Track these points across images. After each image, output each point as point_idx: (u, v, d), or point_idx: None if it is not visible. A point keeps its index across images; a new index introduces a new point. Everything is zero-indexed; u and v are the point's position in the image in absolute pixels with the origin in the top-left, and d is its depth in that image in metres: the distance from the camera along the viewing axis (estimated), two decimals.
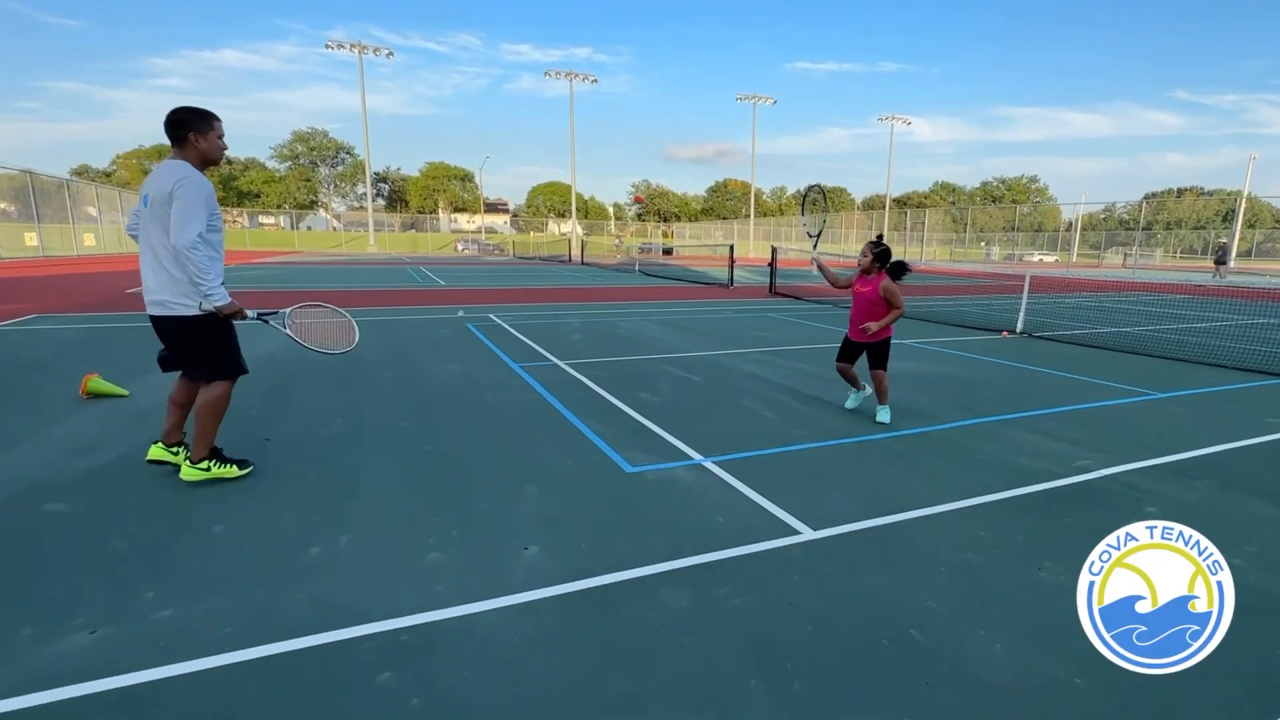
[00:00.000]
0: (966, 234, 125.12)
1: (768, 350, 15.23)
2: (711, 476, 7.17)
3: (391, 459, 7.63)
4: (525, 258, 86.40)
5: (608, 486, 6.87)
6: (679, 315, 21.99)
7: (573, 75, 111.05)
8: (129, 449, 7.78)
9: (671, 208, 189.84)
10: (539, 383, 11.46)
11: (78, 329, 16.46)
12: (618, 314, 22.22)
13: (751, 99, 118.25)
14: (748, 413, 9.87)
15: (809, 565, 5.29)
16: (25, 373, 11.72)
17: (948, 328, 20.13)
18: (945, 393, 11.49)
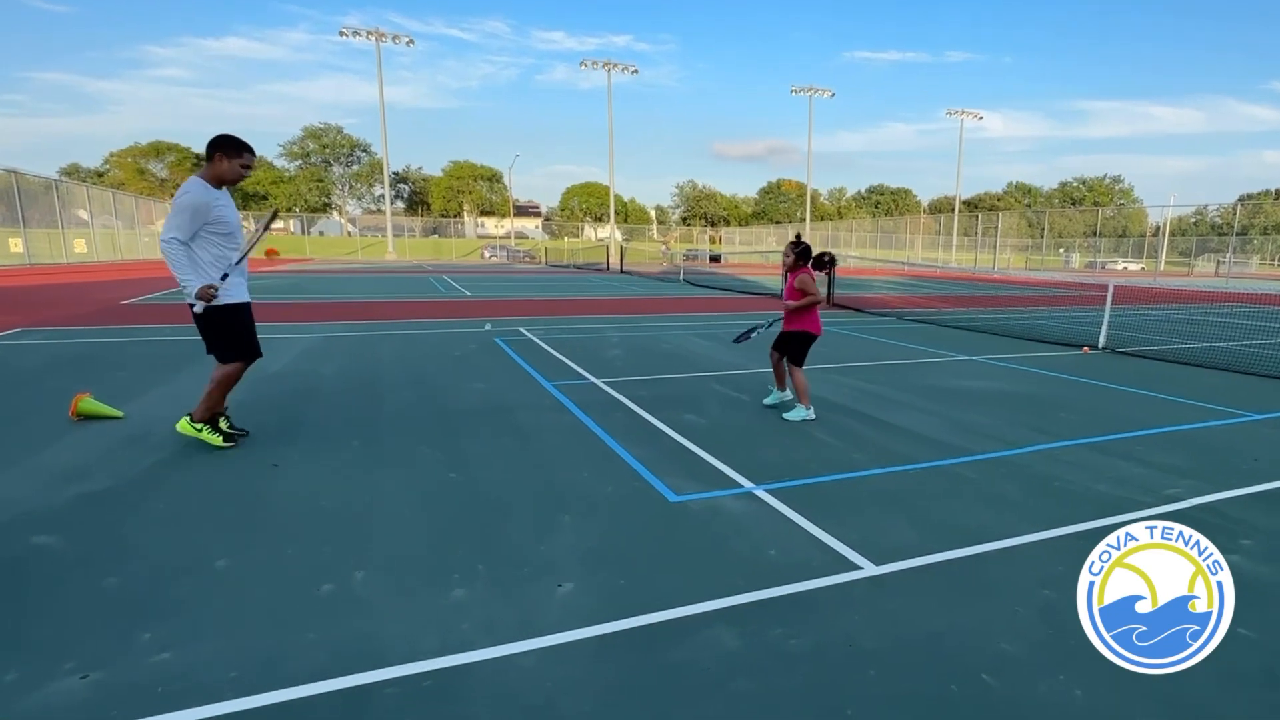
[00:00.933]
0: (1043, 239, 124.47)
1: (825, 367, 15.17)
2: (763, 506, 7.13)
3: (411, 487, 7.61)
4: (558, 265, 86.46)
5: (650, 517, 6.83)
6: (727, 329, 21.85)
7: (611, 65, 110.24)
8: (124, 475, 7.77)
9: (719, 211, 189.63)
10: (574, 403, 11.45)
11: (68, 344, 16.52)
12: (660, 327, 22.22)
13: (807, 91, 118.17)
14: (803, 436, 9.83)
15: (871, 603, 5.25)
16: (10, 392, 11.78)
17: (1023, 342, 20.03)
18: (1020, 414, 11.41)
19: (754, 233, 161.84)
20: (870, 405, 11.73)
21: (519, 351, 16.57)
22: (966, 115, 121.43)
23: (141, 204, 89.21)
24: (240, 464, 8.18)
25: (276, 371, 13.36)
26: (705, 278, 52.54)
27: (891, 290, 42.80)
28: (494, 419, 10.45)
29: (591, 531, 6.44)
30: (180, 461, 8.27)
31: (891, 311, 28.32)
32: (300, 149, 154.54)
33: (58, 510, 6.76)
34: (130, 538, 6.18)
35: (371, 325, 21.16)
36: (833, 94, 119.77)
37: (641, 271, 63.20)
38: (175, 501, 7.01)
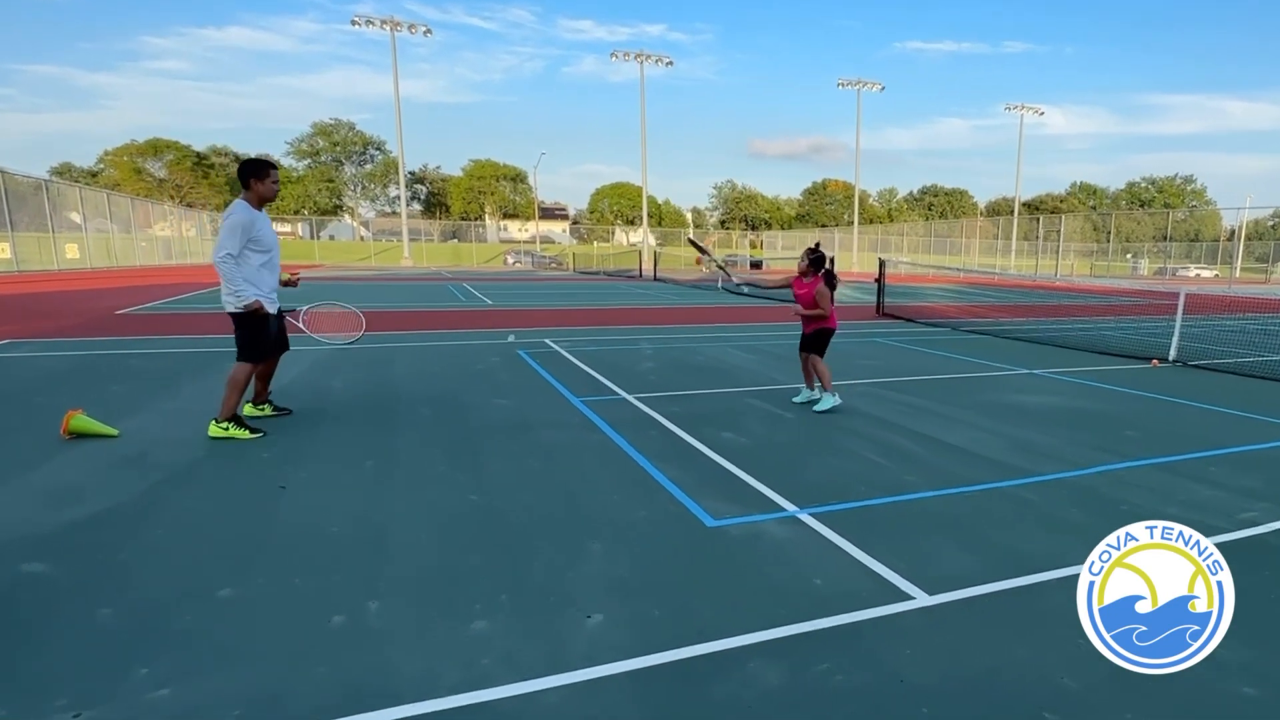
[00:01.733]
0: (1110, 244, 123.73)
1: (874, 381, 15.22)
2: (808, 531, 7.11)
3: (429, 510, 7.60)
4: (587, 272, 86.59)
5: (686, 543, 6.81)
6: (769, 340, 22.01)
7: (643, 57, 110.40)
8: (119, 498, 7.78)
9: (760, 213, 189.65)
10: (604, 420, 11.45)
11: (59, 357, 16.62)
12: (697, 339, 22.23)
13: (855, 85, 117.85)
14: (850, 455, 9.82)
15: (923, 636, 5.23)
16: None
17: (1087, 355, 20.00)
18: (1084, 432, 11.37)
19: (798, 237, 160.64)
20: (923, 422, 11.72)
21: (545, 365, 16.60)
22: (1026, 110, 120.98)
23: (138, 206, 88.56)
24: (245, 486, 8.21)
25: (282, 387, 13.31)
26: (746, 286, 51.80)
27: (945, 299, 42.68)
28: (518, 437, 10.46)
29: (623, 559, 6.43)
30: (180, 483, 8.28)
31: (945, 322, 28.36)
32: (309, 147, 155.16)
33: (49, 536, 6.75)
34: (126, 565, 6.17)
35: (385, 337, 21.20)
36: (882, 87, 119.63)
37: (677, 278, 63.17)
38: (175, 526, 7.02)
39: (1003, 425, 11.64)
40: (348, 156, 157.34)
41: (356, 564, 6.23)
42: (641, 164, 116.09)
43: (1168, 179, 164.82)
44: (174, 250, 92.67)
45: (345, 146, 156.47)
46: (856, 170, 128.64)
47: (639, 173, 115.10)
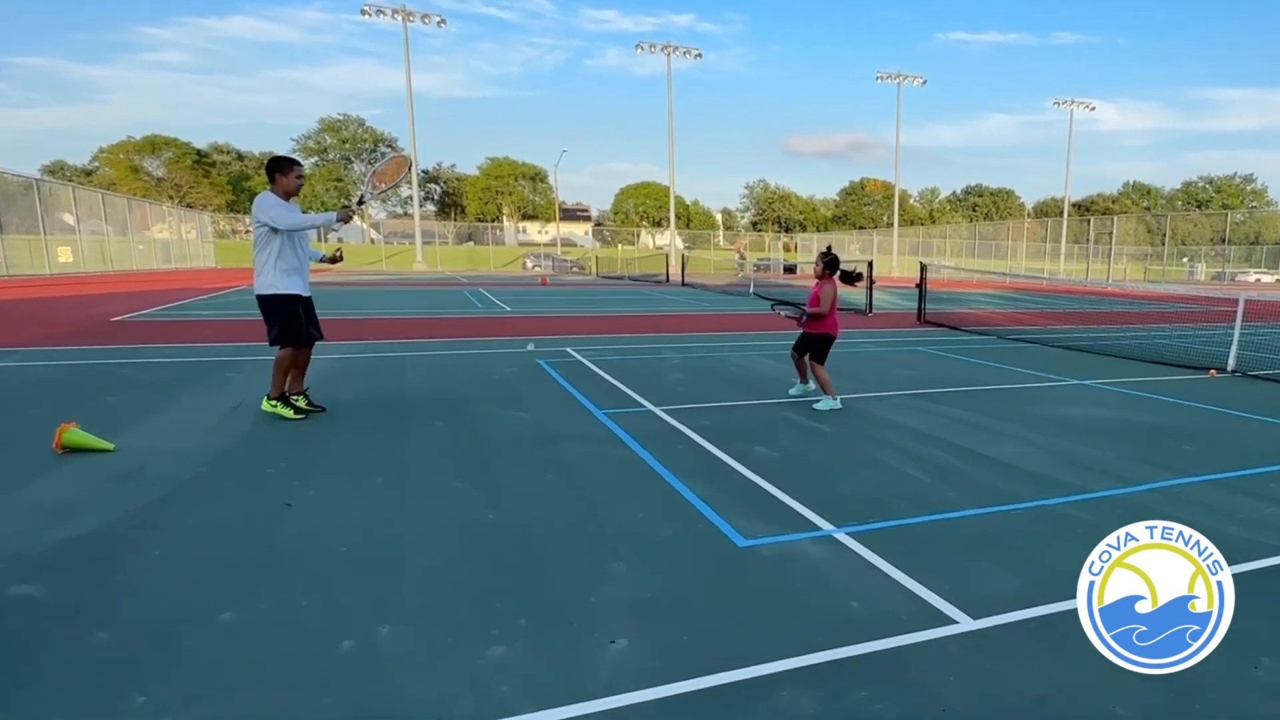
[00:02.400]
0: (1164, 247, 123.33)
1: (915, 393, 15.20)
2: (845, 551, 7.10)
3: (443, 529, 7.59)
4: (611, 277, 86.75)
5: (715, 563, 6.81)
6: None
7: (671, 48, 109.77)
8: (115, 516, 7.75)
9: (794, 214, 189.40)
10: (628, 434, 11.44)
11: (51, 367, 16.65)
12: (728, 348, 22.21)
13: (895, 78, 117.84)
14: (889, 471, 9.80)
15: (967, 662, 5.23)
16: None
17: (1140, 365, 19.94)
18: (1137, 446, 11.35)
19: (834, 239, 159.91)
20: (966, 436, 11.71)
21: (566, 375, 16.60)
22: (1077, 105, 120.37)
23: (135, 207, 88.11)
24: (249, 502, 8.20)
25: (268, 411, 13.24)
26: (779, 291, 52.27)
27: (990, 305, 42.61)
28: (537, 452, 10.45)
29: (648, 580, 6.42)
30: (179, 500, 8.27)
31: (990, 330, 28.32)
32: (316, 144, 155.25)
33: (40, 555, 6.73)
34: (123, 587, 6.16)
35: (397, 345, 21.31)
36: (924, 81, 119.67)
37: (706, 284, 63.19)
38: (174, 545, 7.01)
39: (1050, 439, 11.62)
40: (357, 154, 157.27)
41: (367, 585, 6.23)
42: (669, 162, 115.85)
43: (1226, 178, 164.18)
44: (173, 253, 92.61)
45: (354, 144, 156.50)
46: (896, 169, 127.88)
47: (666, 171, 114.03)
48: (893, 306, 39.94)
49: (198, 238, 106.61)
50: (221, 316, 29.11)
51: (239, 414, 12.23)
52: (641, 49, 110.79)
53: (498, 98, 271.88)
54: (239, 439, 10.65)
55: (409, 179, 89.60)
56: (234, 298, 39.28)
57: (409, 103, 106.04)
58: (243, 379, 15.36)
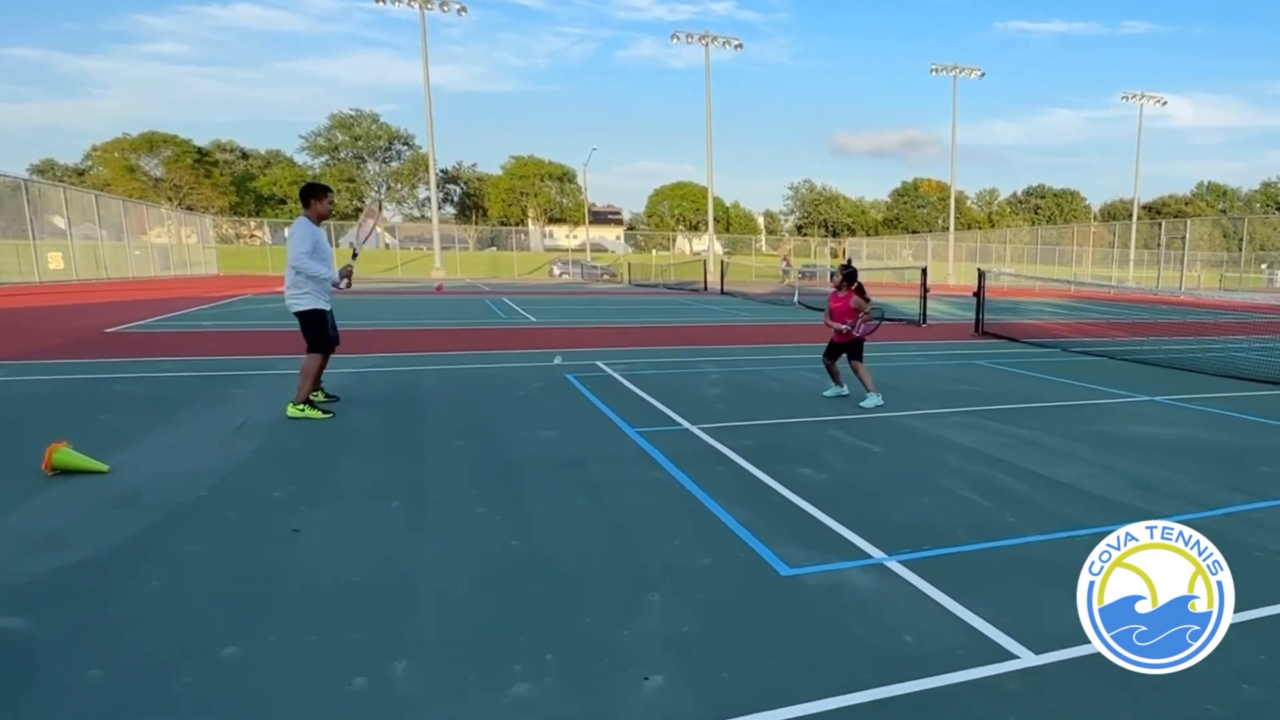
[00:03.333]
0: (1242, 252, 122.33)
1: (973, 410, 15.15)
2: (896, 581, 7.11)
3: (464, 557, 7.60)
4: (644, 285, 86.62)
5: (757, 594, 6.81)
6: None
7: (709, 39, 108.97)
8: (109, 543, 7.72)
9: (842, 217, 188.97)
10: (663, 454, 11.43)
11: (40, 382, 16.63)
12: (770, 362, 22.15)
13: (950, 71, 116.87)
14: (946, 494, 9.80)
15: (1028, 701, 5.22)
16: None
17: (1216, 380, 19.87)
18: (1212, 468, 11.30)
19: (885, 244, 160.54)
20: (1027, 457, 11.67)
21: (596, 391, 16.60)
22: (1147, 100, 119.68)
23: (131, 209, 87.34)
24: (253, 529, 8.20)
25: (296, 416, 13.40)
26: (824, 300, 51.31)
27: (1053, 315, 42.49)
28: (565, 474, 10.45)
29: (685, 612, 6.42)
30: (178, 526, 8.26)
31: (1054, 342, 28.18)
32: (327, 142, 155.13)
33: (28, 586, 6.71)
34: (118, 620, 6.14)
35: (413, 358, 21.34)
36: (982, 74, 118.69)
37: (747, 292, 62.97)
38: (172, 575, 6.99)
39: (1119, 460, 11.59)
40: (370, 153, 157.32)
41: (381, 618, 6.23)
42: (707, 161, 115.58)
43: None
44: (172, 260, 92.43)
45: (368, 141, 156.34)
46: (953, 168, 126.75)
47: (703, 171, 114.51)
48: (948, 317, 39.98)
49: (199, 242, 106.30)
50: (225, 327, 29.17)
51: (244, 433, 12.22)
52: (678, 39, 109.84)
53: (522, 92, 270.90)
54: (243, 460, 10.68)
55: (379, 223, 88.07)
56: (238, 307, 39.40)
57: (426, 97, 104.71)
58: (248, 395, 15.34)
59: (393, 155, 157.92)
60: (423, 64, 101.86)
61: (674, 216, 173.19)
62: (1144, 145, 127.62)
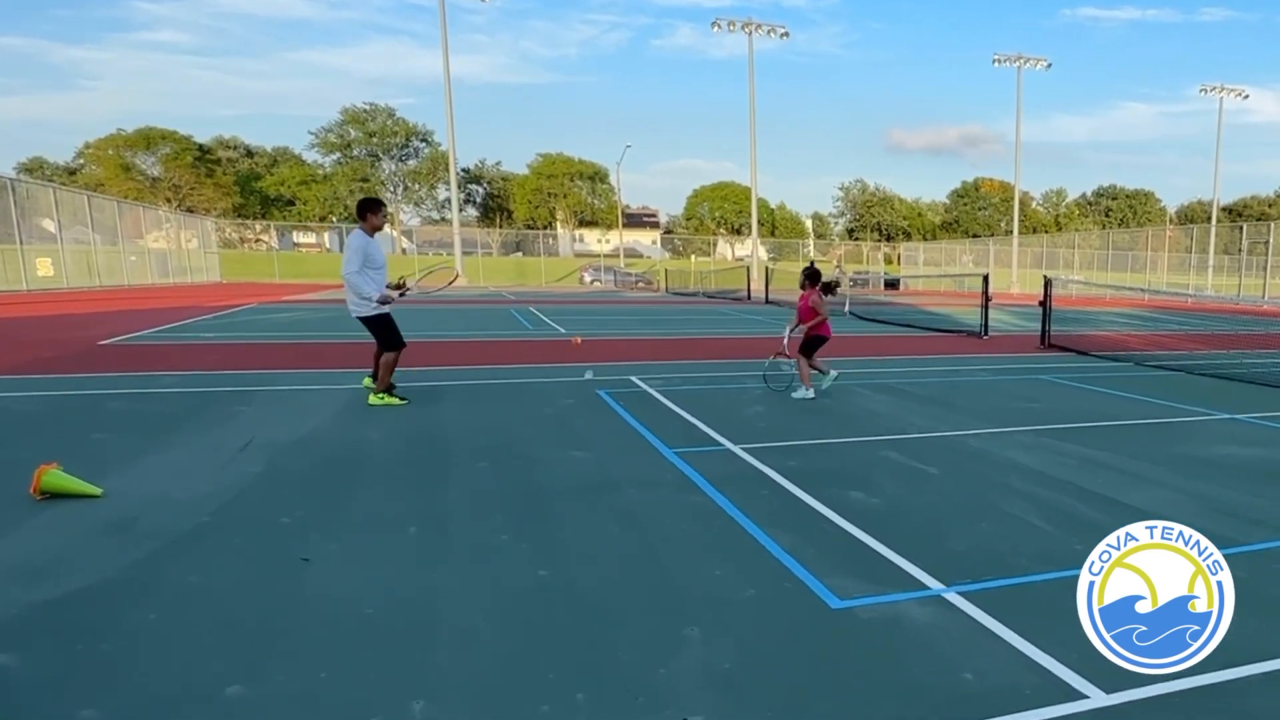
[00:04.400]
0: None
1: (1038, 429, 15.10)
2: (956, 614, 7.10)
3: (487, 588, 7.58)
4: (683, 293, 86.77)
5: (805, 628, 6.80)
6: (908, 378, 22.00)
7: (753, 26, 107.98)
8: (104, 574, 7.67)
9: (897, 220, 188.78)
10: (703, 477, 11.40)
11: (28, 398, 16.64)
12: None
13: (1014, 62, 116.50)
14: (1008, 520, 9.79)
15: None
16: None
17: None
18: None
19: (943, 249, 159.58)
20: (1097, 480, 11.64)
21: (630, 408, 16.59)
22: (1227, 93, 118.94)
23: (126, 211, 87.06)
24: (260, 558, 8.18)
25: (305, 435, 13.45)
26: (878, 310, 52.50)
27: (1126, 326, 42.38)
28: (597, 498, 10.44)
29: (727, 648, 6.40)
30: (178, 555, 8.23)
31: (1126, 355, 28.18)
32: (338, 138, 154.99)
33: (14, 620, 6.65)
34: (113, 656, 6.11)
35: (433, 373, 21.35)
36: (1048, 65, 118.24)
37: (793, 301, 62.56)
38: (172, 608, 6.96)
39: (1197, 483, 11.56)
40: (386, 150, 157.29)
41: (398, 654, 6.21)
42: (750, 159, 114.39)
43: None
44: (171, 266, 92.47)
45: (383, 138, 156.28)
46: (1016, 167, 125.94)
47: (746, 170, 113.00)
48: (1012, 328, 39.84)
49: (200, 247, 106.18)
50: (228, 339, 29.17)
51: (249, 454, 12.19)
52: (719, 27, 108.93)
53: (550, 84, 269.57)
54: (248, 484, 10.66)
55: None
56: (243, 317, 39.49)
57: (446, 90, 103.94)
58: (253, 413, 15.26)
59: (410, 153, 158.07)
60: (443, 54, 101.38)
61: (714, 219, 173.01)
62: (1224, 142, 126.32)
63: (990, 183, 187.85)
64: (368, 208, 16.86)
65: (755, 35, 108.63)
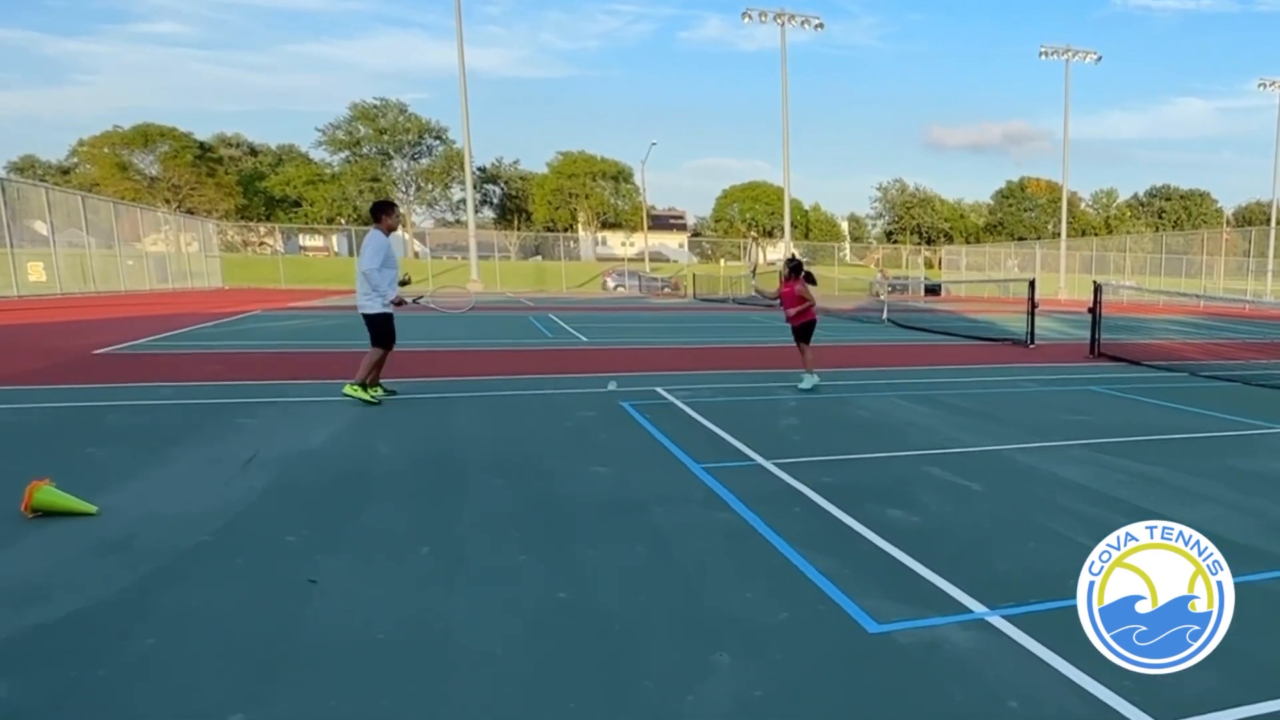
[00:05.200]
0: None
1: (1087, 443, 15.07)
2: (1000, 639, 7.09)
3: (505, 611, 7.55)
4: (711, 300, 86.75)
5: (841, 654, 6.78)
6: (950, 390, 21.94)
7: (785, 17, 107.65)
8: (98, 596, 7.63)
9: (938, 222, 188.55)
10: (733, 494, 11.38)
11: (19, 410, 16.54)
12: (855, 386, 22.21)
13: (1062, 54, 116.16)
14: (1056, 539, 9.76)
15: None
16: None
17: None
18: None
19: (987, 253, 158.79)
20: (1149, 496, 11.62)
21: (655, 421, 16.56)
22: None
23: (123, 213, 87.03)
24: (263, 579, 8.16)
25: (312, 449, 13.46)
26: (918, 317, 52.45)
27: (1180, 335, 42.34)
28: (620, 516, 10.43)
29: (759, 674, 6.38)
30: (177, 577, 8.20)
31: (1181, 365, 28.21)
32: (347, 135, 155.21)
33: (7, 645, 6.60)
34: (109, 683, 6.08)
35: (446, 384, 21.41)
36: (1098, 58, 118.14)
37: (829, 308, 62.70)
38: (171, 633, 6.92)
39: (1256, 500, 11.54)
40: (397, 148, 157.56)
41: (410, 682, 6.21)
42: (783, 158, 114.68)
43: None
44: (170, 270, 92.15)
45: (394, 135, 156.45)
46: (1064, 166, 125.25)
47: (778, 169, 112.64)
48: (1060, 336, 39.88)
49: (200, 251, 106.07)
50: (231, 349, 29.10)
51: (252, 469, 12.19)
52: (749, 18, 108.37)
53: (571, 78, 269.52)
54: (252, 500, 10.66)
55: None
56: (246, 325, 39.56)
57: (461, 84, 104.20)
58: (257, 426, 15.26)
59: (423, 151, 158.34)
60: (457, 46, 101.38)
61: (745, 221, 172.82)
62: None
63: (1036, 182, 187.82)
64: (382, 209, 18.30)
65: (788, 27, 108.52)
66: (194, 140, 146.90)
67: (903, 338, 38.00)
